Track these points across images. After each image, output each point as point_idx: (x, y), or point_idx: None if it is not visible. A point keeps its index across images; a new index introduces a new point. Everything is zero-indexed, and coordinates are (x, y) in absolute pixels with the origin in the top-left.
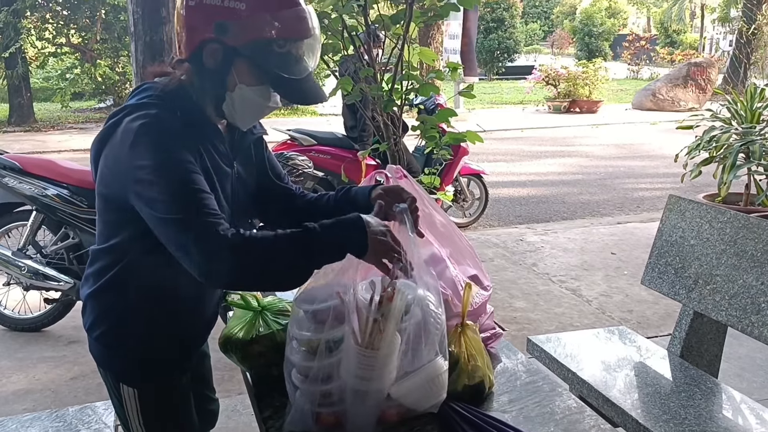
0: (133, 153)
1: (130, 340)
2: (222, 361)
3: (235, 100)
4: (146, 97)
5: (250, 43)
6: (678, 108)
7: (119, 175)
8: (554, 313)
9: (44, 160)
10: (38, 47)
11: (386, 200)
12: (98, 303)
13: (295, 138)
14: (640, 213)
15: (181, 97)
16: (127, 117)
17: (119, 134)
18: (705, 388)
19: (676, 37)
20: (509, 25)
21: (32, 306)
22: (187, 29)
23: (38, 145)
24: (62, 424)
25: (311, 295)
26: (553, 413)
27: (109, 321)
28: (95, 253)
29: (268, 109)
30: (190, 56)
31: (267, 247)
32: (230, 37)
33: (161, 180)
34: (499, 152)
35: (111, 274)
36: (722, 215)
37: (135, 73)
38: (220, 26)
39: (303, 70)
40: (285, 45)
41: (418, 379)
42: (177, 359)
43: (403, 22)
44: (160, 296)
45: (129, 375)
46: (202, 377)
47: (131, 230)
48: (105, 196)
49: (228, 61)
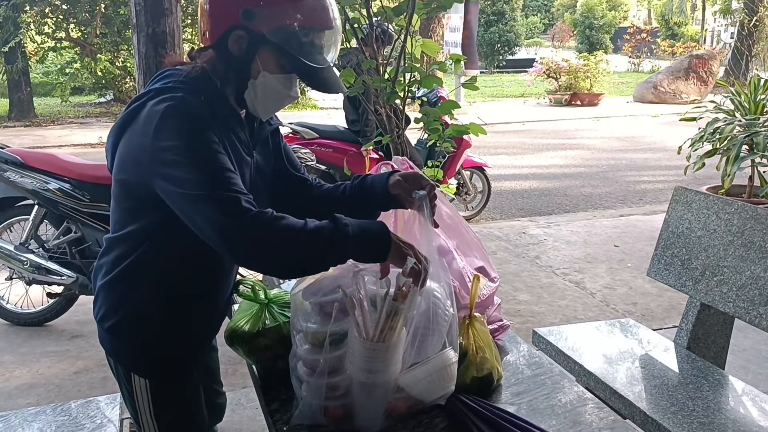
0: (159, 135)
1: (143, 330)
2: (226, 355)
3: (258, 88)
4: (170, 81)
5: (276, 30)
6: (679, 100)
7: (142, 159)
8: (558, 305)
9: (46, 155)
10: (38, 42)
11: (405, 187)
12: (112, 292)
13: (297, 131)
14: (642, 206)
15: (204, 84)
16: (151, 101)
17: (142, 117)
18: (713, 380)
19: (677, 29)
20: (510, 18)
21: (35, 300)
22: (212, 16)
23: (38, 140)
24: (66, 418)
25: (317, 286)
26: (560, 405)
27: (122, 311)
28: (110, 241)
29: (289, 99)
30: (215, 43)
31: (295, 230)
32: (256, 23)
33: (189, 159)
34: (501, 145)
35: (126, 263)
36: (729, 206)
37: (137, 65)
38: (247, 12)
39: (325, 60)
40: (309, 34)
41: (426, 369)
42: (190, 351)
43: (406, 14)
44: (175, 286)
45: (141, 366)
46: (210, 370)
47: (150, 217)
48: (124, 182)
49: (253, 47)
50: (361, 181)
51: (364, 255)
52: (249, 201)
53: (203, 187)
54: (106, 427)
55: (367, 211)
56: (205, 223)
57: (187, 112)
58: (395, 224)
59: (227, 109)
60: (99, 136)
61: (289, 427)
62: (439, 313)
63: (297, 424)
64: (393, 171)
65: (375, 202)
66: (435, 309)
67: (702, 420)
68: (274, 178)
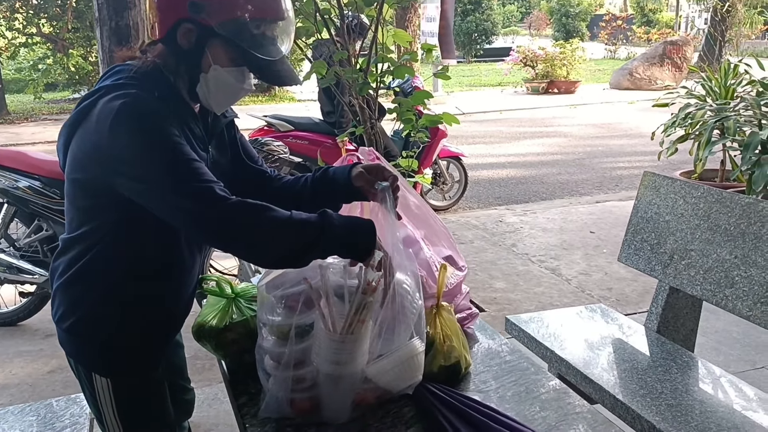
0: (116, 133)
1: (101, 329)
2: (202, 351)
3: (210, 82)
4: (121, 78)
5: (225, 22)
6: (655, 87)
7: (98, 158)
8: (534, 292)
9: (15, 152)
10: (8, 38)
11: (367, 179)
12: (68, 293)
13: (271, 124)
14: (618, 192)
15: (156, 79)
16: (103, 98)
17: (95, 116)
18: (681, 362)
19: (652, 16)
20: (486, 7)
21: (7, 300)
22: (160, 8)
23: (12, 138)
24: (36, 418)
25: (280, 280)
26: (530, 392)
27: (80, 311)
28: (65, 241)
29: (242, 92)
30: (164, 37)
31: (282, 220)
32: (205, 16)
33: (151, 154)
34: (478, 134)
35: (82, 263)
36: (696, 190)
37: (101, 59)
38: (194, 5)
39: (278, 52)
40: (260, 25)
41: (393, 359)
42: (150, 349)
43: (377, 4)
44: (132, 286)
45: (101, 365)
46: (176, 367)
47: (106, 216)
48: (79, 182)
49: (202, 41)
50: (323, 173)
51: (349, 253)
52: (223, 189)
53: (173, 181)
54: (79, 426)
55: (329, 203)
56: (185, 216)
57: (142, 108)
58: (361, 215)
59: (181, 103)
60: None
61: (257, 421)
62: (406, 305)
63: (264, 417)
64: (356, 163)
65: (337, 194)
66: (402, 300)
67: (670, 402)
68: (232, 170)
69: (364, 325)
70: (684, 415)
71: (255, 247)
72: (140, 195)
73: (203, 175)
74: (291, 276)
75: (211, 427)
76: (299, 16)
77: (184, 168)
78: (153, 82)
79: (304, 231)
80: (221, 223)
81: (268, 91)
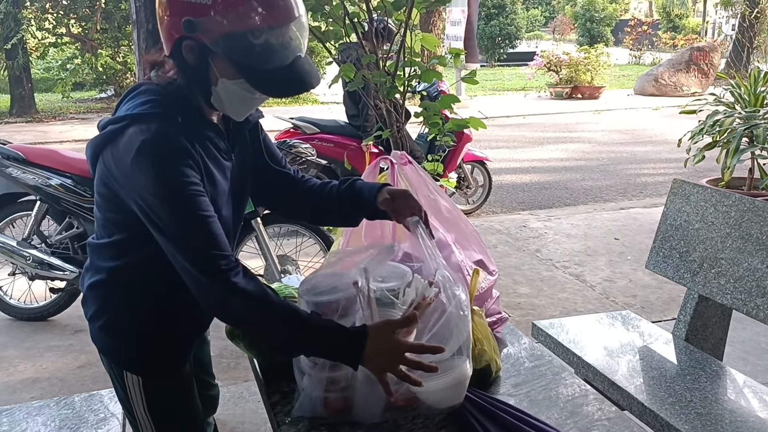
0: (136, 169)
1: (133, 329)
2: (228, 349)
3: (221, 95)
4: (147, 105)
5: (221, 38)
6: (680, 93)
7: (123, 183)
8: (558, 298)
9: (47, 150)
10: (38, 38)
11: (392, 207)
12: (100, 295)
13: (297, 126)
14: (643, 198)
15: (180, 101)
16: (130, 129)
17: (122, 145)
18: (710, 371)
19: (678, 21)
20: (510, 11)
21: (38, 296)
22: (164, 25)
23: (40, 136)
24: (70, 412)
25: (315, 284)
26: (558, 397)
27: (112, 310)
28: (96, 247)
29: (257, 101)
30: (171, 53)
31: (267, 309)
32: (200, 34)
33: (165, 206)
34: (502, 139)
35: (115, 267)
36: (727, 199)
37: (137, 61)
38: (189, 24)
39: (286, 58)
40: (261, 35)
41: (444, 381)
42: (181, 347)
43: (405, 8)
44: (164, 289)
45: (133, 363)
46: (202, 363)
47: (135, 230)
48: (105, 196)
49: (204, 56)
50: (349, 186)
51: (331, 356)
52: (225, 257)
53: (179, 235)
54: (109, 421)
55: (352, 217)
56: (182, 270)
57: (162, 148)
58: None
59: (203, 121)
60: None
61: (290, 419)
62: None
63: (298, 416)
64: (383, 185)
65: (362, 211)
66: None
67: (699, 410)
68: (256, 173)
69: (410, 336)
70: (714, 424)
71: (233, 323)
72: (151, 228)
73: (209, 237)
74: (327, 279)
75: (236, 425)
76: (329, 19)
77: (193, 224)
78: (177, 105)
79: (285, 328)
80: (222, 306)
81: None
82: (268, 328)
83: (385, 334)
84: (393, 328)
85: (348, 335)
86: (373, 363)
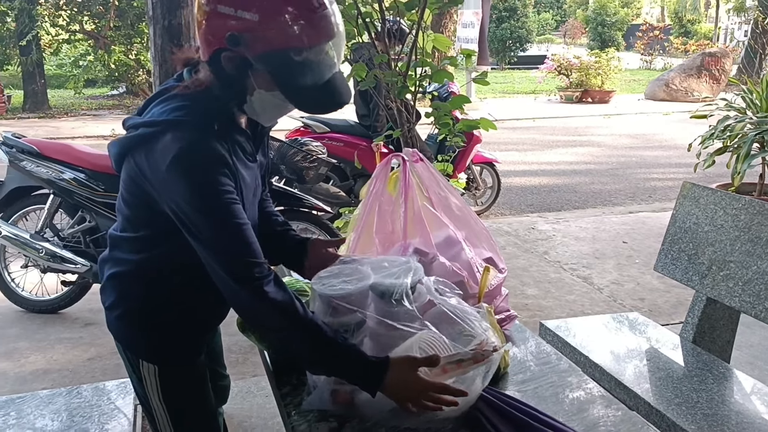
0: (172, 177)
1: (151, 319)
2: (237, 344)
3: (255, 104)
4: (181, 111)
5: (264, 54)
6: (691, 98)
7: (156, 185)
8: (566, 300)
9: (61, 145)
10: (52, 34)
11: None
12: (120, 285)
13: (308, 125)
14: (652, 203)
15: (214, 106)
16: (164, 136)
17: (159, 148)
18: (717, 373)
19: (690, 27)
20: (521, 15)
21: (50, 288)
22: (203, 35)
23: (52, 131)
24: (81, 401)
25: (328, 277)
26: (566, 394)
27: (131, 300)
28: (119, 239)
29: (289, 109)
30: (209, 60)
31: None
32: (243, 48)
33: (201, 215)
34: (511, 141)
35: (137, 261)
36: (737, 202)
37: (153, 57)
38: (233, 38)
39: (323, 75)
40: (302, 53)
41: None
42: (197, 337)
43: (418, 9)
44: (183, 285)
45: (150, 352)
46: (213, 353)
47: (163, 227)
48: (136, 194)
49: (244, 69)
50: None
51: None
52: (259, 264)
53: (214, 242)
54: (119, 412)
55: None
56: (215, 275)
57: (199, 157)
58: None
59: (235, 127)
60: (112, 128)
61: (299, 411)
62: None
63: (307, 409)
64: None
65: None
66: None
67: (706, 412)
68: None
69: (447, 375)
70: (720, 425)
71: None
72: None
73: (244, 244)
74: (340, 273)
75: (244, 419)
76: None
77: (228, 232)
78: (212, 112)
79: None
80: (252, 313)
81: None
82: (292, 340)
83: (407, 368)
84: (416, 365)
85: (367, 364)
86: (394, 394)
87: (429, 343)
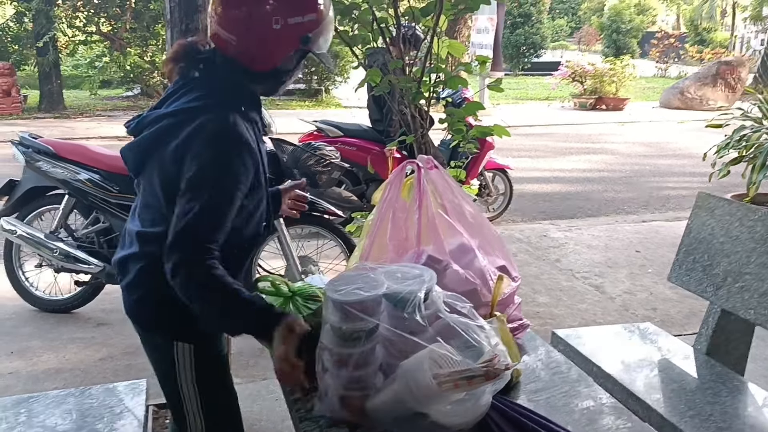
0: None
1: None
2: (247, 347)
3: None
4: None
5: (320, 39)
6: (706, 107)
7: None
8: (577, 308)
9: (77, 146)
10: (69, 35)
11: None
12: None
13: (321, 129)
14: (665, 212)
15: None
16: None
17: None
18: (731, 386)
19: (706, 35)
20: (536, 21)
21: (63, 288)
22: (270, 47)
23: (67, 132)
24: (93, 402)
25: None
26: (578, 403)
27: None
28: (150, 236)
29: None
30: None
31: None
32: (310, 44)
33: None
34: (524, 148)
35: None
36: (753, 213)
37: None
38: (306, 39)
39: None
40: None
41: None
42: None
43: (433, 15)
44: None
45: (185, 332)
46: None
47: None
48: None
49: (300, 58)
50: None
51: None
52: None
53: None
54: (129, 412)
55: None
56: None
57: (229, 134)
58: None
59: (256, 106)
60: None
61: (310, 417)
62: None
63: (318, 415)
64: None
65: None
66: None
67: (720, 425)
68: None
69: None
70: None
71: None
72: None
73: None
74: (354, 280)
75: (254, 422)
76: (356, 24)
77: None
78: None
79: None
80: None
81: (315, 96)
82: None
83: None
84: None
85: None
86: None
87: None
